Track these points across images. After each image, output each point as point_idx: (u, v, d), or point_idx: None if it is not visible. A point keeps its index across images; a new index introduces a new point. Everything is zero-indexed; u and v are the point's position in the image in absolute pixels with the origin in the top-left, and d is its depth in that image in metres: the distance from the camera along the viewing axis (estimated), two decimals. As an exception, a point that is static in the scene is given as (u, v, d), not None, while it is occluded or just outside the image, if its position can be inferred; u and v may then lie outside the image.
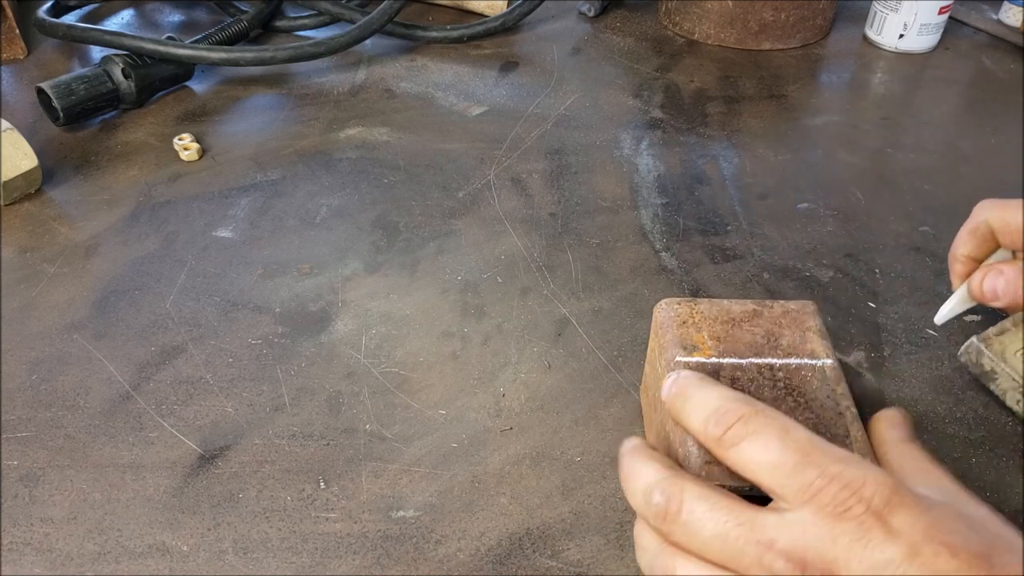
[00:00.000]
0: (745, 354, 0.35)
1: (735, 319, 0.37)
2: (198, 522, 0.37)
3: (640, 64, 0.78)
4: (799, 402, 0.33)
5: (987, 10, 0.87)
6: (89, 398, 0.44)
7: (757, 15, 0.79)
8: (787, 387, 0.34)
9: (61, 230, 0.56)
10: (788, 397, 0.33)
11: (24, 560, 0.36)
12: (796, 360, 0.34)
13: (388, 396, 0.44)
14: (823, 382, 0.34)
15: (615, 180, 0.61)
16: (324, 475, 0.40)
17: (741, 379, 0.34)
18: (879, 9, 0.80)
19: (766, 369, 0.34)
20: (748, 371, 0.34)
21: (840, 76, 0.77)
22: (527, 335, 0.48)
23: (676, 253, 0.54)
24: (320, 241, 0.55)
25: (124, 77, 0.66)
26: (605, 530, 0.37)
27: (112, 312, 0.49)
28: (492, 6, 0.85)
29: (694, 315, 0.37)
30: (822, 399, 0.33)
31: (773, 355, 0.35)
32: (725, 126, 0.68)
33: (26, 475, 0.40)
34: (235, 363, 0.46)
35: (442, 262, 0.53)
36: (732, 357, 0.35)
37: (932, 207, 0.58)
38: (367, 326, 0.48)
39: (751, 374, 0.34)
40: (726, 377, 0.34)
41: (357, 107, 0.70)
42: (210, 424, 0.42)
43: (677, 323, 0.37)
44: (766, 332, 0.36)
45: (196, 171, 0.62)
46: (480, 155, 0.64)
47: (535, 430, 0.42)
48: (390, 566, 0.36)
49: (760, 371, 0.34)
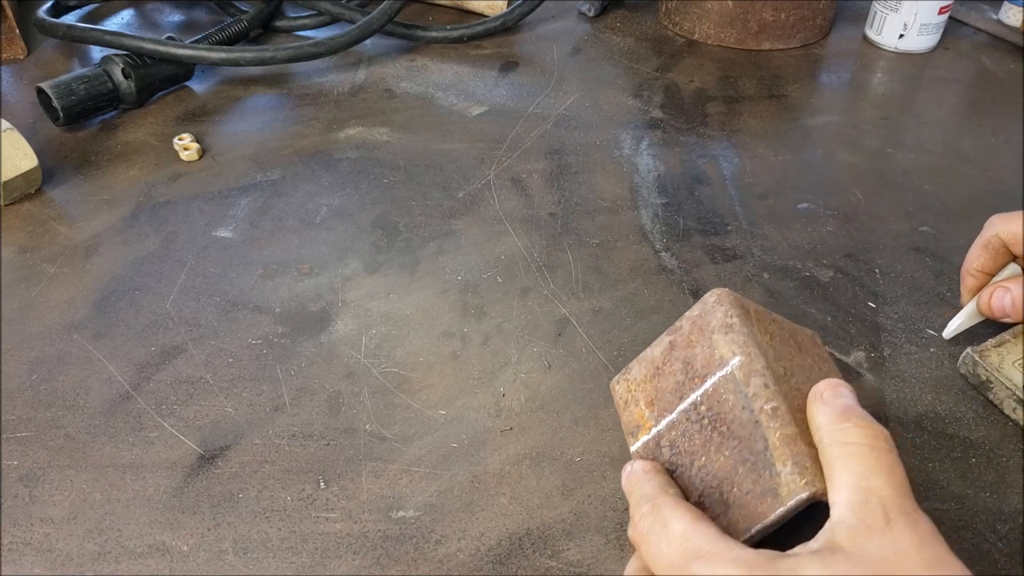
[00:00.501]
0: (673, 404, 0.35)
1: (659, 367, 0.37)
2: (198, 522, 0.37)
3: (640, 64, 0.78)
4: (723, 432, 0.33)
5: (987, 10, 0.87)
6: (89, 398, 0.44)
7: (757, 15, 0.79)
8: (711, 421, 0.33)
9: (61, 230, 0.56)
10: (714, 433, 0.33)
11: (24, 560, 0.36)
12: (711, 379, 0.34)
13: (388, 396, 0.44)
14: (736, 391, 0.33)
15: (615, 180, 0.61)
16: (324, 475, 0.40)
17: (676, 438, 0.35)
18: (879, 9, 0.80)
19: (692, 412, 0.34)
20: (679, 425, 0.35)
21: (840, 76, 0.77)
22: (527, 335, 0.48)
23: (676, 253, 0.54)
24: (320, 241, 0.55)
25: (124, 77, 0.66)
26: (605, 530, 0.37)
27: (112, 312, 0.49)
28: (492, 6, 0.85)
29: (631, 388, 0.38)
30: (738, 413, 0.33)
31: (693, 387, 0.35)
32: (725, 126, 0.68)
33: (26, 475, 0.40)
34: (235, 363, 0.46)
35: (442, 262, 0.53)
36: (666, 415, 0.35)
37: (932, 207, 0.58)
38: (367, 326, 0.48)
39: (682, 426, 0.34)
40: (666, 445, 0.35)
41: (357, 107, 0.70)
42: (210, 424, 0.42)
43: (622, 406, 0.38)
44: (683, 362, 0.36)
45: (196, 171, 0.62)
46: (480, 155, 0.64)
47: (535, 430, 0.42)
48: (390, 566, 0.36)
49: (688, 417, 0.34)
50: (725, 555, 0.27)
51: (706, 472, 0.33)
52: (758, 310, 0.36)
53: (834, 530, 0.28)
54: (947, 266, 0.52)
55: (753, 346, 0.33)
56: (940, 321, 0.48)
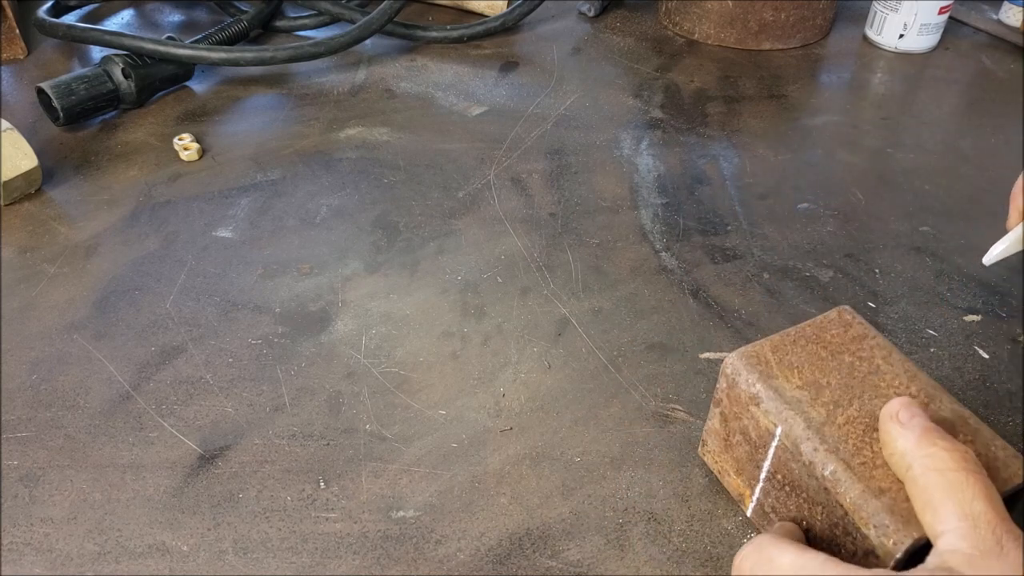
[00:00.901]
0: (756, 473, 0.35)
1: (726, 439, 0.36)
2: (198, 522, 0.37)
3: (640, 64, 0.78)
4: (804, 499, 0.32)
5: (987, 10, 0.87)
6: (89, 398, 0.44)
7: (757, 15, 0.79)
8: (791, 488, 0.33)
9: (61, 230, 0.56)
10: (799, 499, 0.33)
11: (24, 560, 0.36)
12: (771, 450, 0.33)
13: (388, 396, 0.44)
14: (795, 460, 0.32)
15: (615, 180, 0.61)
16: (324, 475, 0.40)
17: (774, 505, 0.34)
18: (879, 9, 0.80)
19: (772, 480, 0.34)
20: (770, 492, 0.34)
21: (840, 76, 0.77)
22: (527, 335, 0.48)
23: (676, 253, 0.54)
24: (320, 241, 0.55)
25: (124, 77, 0.66)
26: (605, 530, 0.37)
27: (112, 312, 0.49)
28: (492, 6, 0.85)
29: (716, 459, 0.37)
30: (807, 481, 0.32)
31: (761, 457, 0.34)
32: (725, 126, 0.68)
33: (26, 475, 0.40)
34: (235, 363, 0.46)
35: (442, 262, 0.53)
36: (755, 484, 0.35)
37: (932, 207, 0.58)
38: (367, 326, 0.48)
39: (773, 494, 0.34)
40: (770, 511, 0.35)
41: (357, 107, 0.70)
42: (210, 424, 0.42)
43: (719, 475, 0.37)
44: (742, 433, 0.35)
45: (196, 171, 0.62)
46: (480, 155, 0.64)
47: (535, 430, 0.42)
48: (390, 566, 0.36)
49: (772, 485, 0.34)
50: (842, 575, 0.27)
51: (813, 536, 0.33)
52: (776, 345, 0.35)
53: (945, 557, 0.27)
54: (947, 266, 0.52)
55: (787, 410, 0.32)
56: (940, 321, 0.48)
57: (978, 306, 0.49)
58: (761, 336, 0.47)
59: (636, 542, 0.37)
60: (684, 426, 0.42)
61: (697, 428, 0.42)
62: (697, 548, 0.37)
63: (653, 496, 0.39)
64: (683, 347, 0.47)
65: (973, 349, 0.46)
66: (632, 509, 0.38)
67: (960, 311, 0.49)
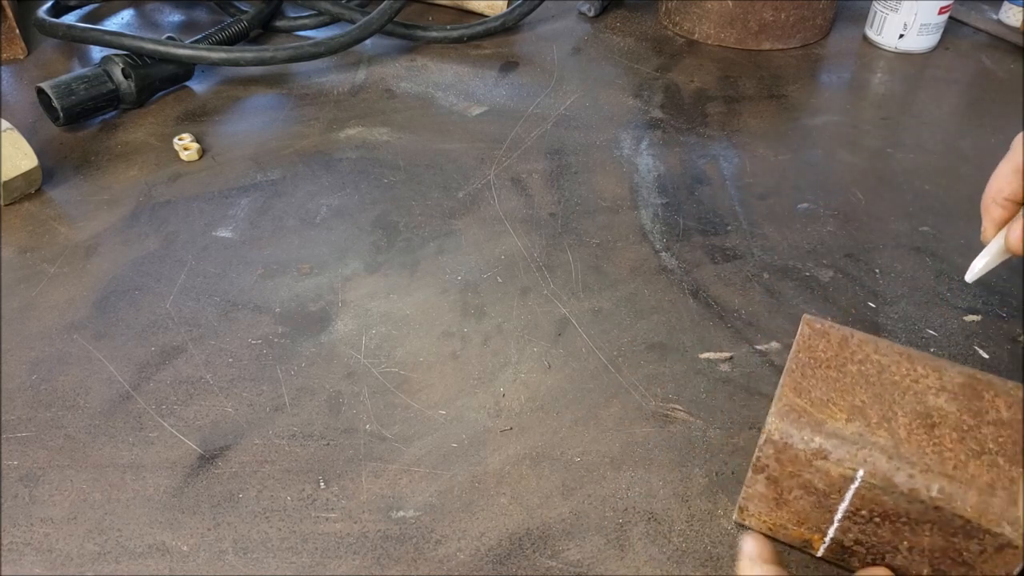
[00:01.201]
0: (828, 517, 0.34)
1: (778, 498, 0.35)
2: (198, 522, 0.37)
3: (640, 64, 0.78)
4: (906, 521, 0.31)
5: (987, 10, 0.87)
6: (89, 398, 0.44)
7: (757, 15, 0.79)
8: (884, 518, 0.32)
9: (61, 230, 0.56)
10: (897, 524, 0.32)
11: (24, 560, 0.36)
12: (849, 493, 0.32)
13: (388, 396, 0.44)
14: (888, 493, 0.31)
15: (615, 180, 0.61)
16: (324, 475, 0.40)
17: (859, 537, 0.34)
18: (879, 9, 0.80)
19: (855, 516, 0.33)
20: (851, 528, 0.34)
21: (840, 76, 0.77)
22: (527, 335, 0.48)
23: (676, 253, 0.54)
24: (320, 241, 0.55)
25: (124, 77, 0.66)
26: (605, 530, 0.37)
27: (112, 312, 0.49)
28: (492, 6, 0.85)
29: (766, 518, 0.36)
30: (906, 506, 0.31)
31: (835, 501, 0.33)
32: (725, 126, 0.68)
33: (26, 475, 0.40)
34: (235, 363, 0.46)
35: (442, 262, 0.53)
36: (829, 526, 0.34)
37: (932, 207, 0.58)
38: (367, 326, 0.48)
39: (857, 528, 0.33)
40: (852, 543, 0.34)
41: (357, 107, 0.70)
42: (210, 424, 0.42)
43: (774, 531, 0.36)
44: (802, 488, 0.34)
45: (196, 171, 0.62)
46: (480, 155, 0.64)
47: (535, 430, 0.42)
48: (390, 566, 0.36)
49: (854, 521, 0.33)
50: None
51: (920, 550, 0.32)
52: (795, 387, 0.34)
53: None
54: (947, 266, 0.52)
55: (860, 451, 0.31)
56: (940, 321, 0.48)
57: (978, 306, 0.49)
58: (761, 336, 0.47)
59: (636, 542, 0.37)
60: (684, 426, 0.42)
61: (697, 428, 0.42)
62: (697, 548, 0.37)
63: (653, 496, 0.39)
64: (683, 347, 0.47)
65: (973, 349, 0.46)
66: (632, 509, 0.38)
67: (960, 311, 0.49)
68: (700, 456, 0.41)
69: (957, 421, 0.32)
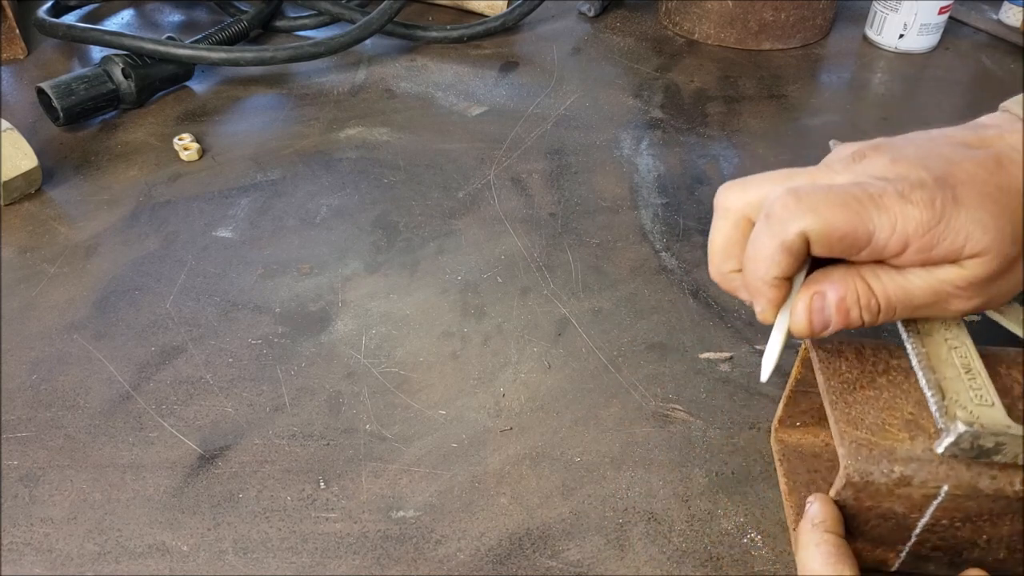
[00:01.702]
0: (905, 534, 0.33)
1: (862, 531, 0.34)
2: (198, 522, 0.37)
3: (640, 64, 0.78)
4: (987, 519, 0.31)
5: (987, 10, 0.87)
6: (89, 398, 0.44)
7: (757, 15, 0.79)
8: (964, 521, 0.31)
9: (61, 230, 0.56)
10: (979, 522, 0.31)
11: (24, 560, 0.36)
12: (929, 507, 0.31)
13: (388, 396, 0.44)
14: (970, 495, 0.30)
15: (615, 180, 0.61)
16: (324, 475, 0.40)
17: (936, 543, 0.33)
18: (879, 9, 0.80)
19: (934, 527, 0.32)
20: (928, 539, 0.33)
21: (840, 76, 0.77)
22: (527, 335, 0.48)
23: (676, 253, 0.54)
24: (320, 241, 0.55)
25: (124, 77, 0.66)
26: (605, 530, 0.37)
27: (112, 312, 0.49)
28: (492, 6, 0.85)
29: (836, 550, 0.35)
30: (990, 505, 0.30)
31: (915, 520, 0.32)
32: (725, 126, 0.68)
33: (26, 475, 0.40)
34: (235, 363, 0.46)
35: (442, 262, 0.53)
36: (902, 545, 0.34)
37: (932, 207, 0.58)
38: (367, 326, 0.48)
39: (935, 536, 0.33)
40: (931, 549, 0.33)
41: (357, 107, 0.70)
42: (210, 424, 0.42)
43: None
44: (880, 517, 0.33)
45: (196, 171, 0.62)
46: (480, 155, 0.64)
47: (535, 430, 0.42)
48: (390, 566, 0.36)
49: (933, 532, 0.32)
50: None
51: (998, 539, 0.32)
52: (847, 419, 0.32)
53: None
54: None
55: (939, 466, 0.30)
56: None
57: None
58: (761, 336, 0.47)
59: (636, 542, 0.37)
60: (684, 426, 0.42)
61: (697, 428, 0.42)
62: (697, 548, 0.37)
63: (653, 496, 0.39)
64: (683, 347, 0.47)
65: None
66: (632, 509, 0.38)
67: (960, 311, 0.49)
68: (700, 456, 0.41)
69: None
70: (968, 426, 0.28)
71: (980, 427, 0.28)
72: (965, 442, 0.29)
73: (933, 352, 0.31)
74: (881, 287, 0.30)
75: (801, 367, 0.37)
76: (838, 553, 0.31)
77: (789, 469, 0.39)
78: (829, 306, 0.31)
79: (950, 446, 0.29)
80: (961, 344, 0.32)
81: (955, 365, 0.31)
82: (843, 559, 0.31)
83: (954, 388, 0.30)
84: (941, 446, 0.29)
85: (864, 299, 0.30)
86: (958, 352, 0.31)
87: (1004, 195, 0.29)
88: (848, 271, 0.31)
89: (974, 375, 0.31)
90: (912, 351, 0.32)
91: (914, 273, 0.30)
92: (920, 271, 0.30)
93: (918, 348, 0.31)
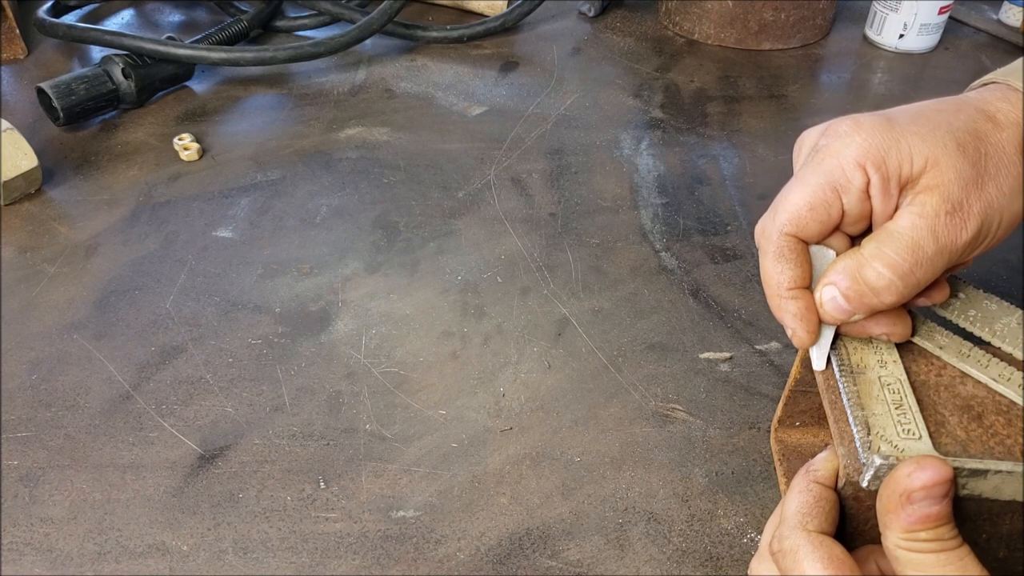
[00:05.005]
0: None
1: None
2: (198, 522, 0.37)
3: (640, 64, 0.78)
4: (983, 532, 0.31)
5: (987, 10, 0.87)
6: (89, 398, 0.44)
7: (757, 15, 0.79)
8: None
9: (61, 230, 0.56)
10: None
11: (24, 560, 0.36)
12: None
13: (388, 396, 0.44)
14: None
15: (615, 180, 0.61)
16: (324, 475, 0.40)
17: None
18: (879, 9, 0.80)
19: None
20: None
21: (840, 76, 0.77)
22: (527, 335, 0.48)
23: (676, 253, 0.54)
24: (320, 241, 0.55)
25: (124, 77, 0.66)
26: (605, 530, 0.37)
27: (112, 312, 0.49)
28: (492, 6, 0.85)
29: None
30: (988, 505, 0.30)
31: None
32: (725, 126, 0.68)
33: (26, 475, 0.40)
34: (235, 363, 0.46)
35: (442, 262, 0.53)
36: None
37: (932, 207, 0.58)
38: (367, 326, 0.48)
39: None
40: None
41: (357, 107, 0.70)
42: (210, 424, 0.42)
43: None
44: None
45: (196, 171, 0.62)
46: (480, 155, 0.64)
47: (535, 430, 0.42)
48: (390, 566, 0.36)
49: None
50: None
51: (998, 537, 0.32)
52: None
53: None
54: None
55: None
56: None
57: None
58: (761, 336, 0.47)
59: (636, 542, 0.37)
60: (684, 426, 0.42)
61: (697, 428, 0.42)
62: (697, 548, 0.37)
63: (653, 496, 0.39)
64: (683, 347, 0.47)
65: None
66: (632, 509, 0.38)
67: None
68: (700, 456, 0.41)
69: (992, 402, 0.32)
70: (884, 459, 0.29)
71: (896, 459, 0.29)
72: (884, 473, 0.29)
73: (864, 390, 0.32)
74: (881, 253, 0.31)
75: (800, 367, 0.37)
76: (816, 504, 0.31)
77: (789, 469, 0.39)
78: (838, 295, 0.32)
79: (871, 480, 0.29)
80: (895, 381, 0.32)
81: (885, 401, 0.31)
82: (819, 512, 0.31)
83: (880, 424, 0.30)
84: (864, 480, 0.30)
85: (869, 272, 0.31)
86: (891, 388, 0.32)
87: (940, 115, 0.32)
88: (848, 255, 0.32)
89: (904, 410, 0.31)
90: (843, 390, 0.32)
91: (901, 217, 0.31)
92: (904, 212, 0.31)
93: (849, 387, 0.32)
